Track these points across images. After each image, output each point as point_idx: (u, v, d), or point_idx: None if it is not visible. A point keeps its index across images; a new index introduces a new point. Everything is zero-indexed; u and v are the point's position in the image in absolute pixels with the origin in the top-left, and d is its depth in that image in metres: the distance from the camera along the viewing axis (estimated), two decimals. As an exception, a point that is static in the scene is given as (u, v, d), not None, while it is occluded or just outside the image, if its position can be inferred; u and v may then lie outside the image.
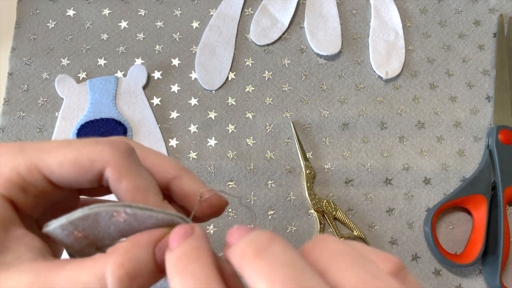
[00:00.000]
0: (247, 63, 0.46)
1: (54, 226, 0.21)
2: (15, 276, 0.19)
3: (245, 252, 0.18)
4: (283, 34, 0.47)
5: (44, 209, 0.23)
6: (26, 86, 0.44)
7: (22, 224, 0.21)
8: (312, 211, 0.42)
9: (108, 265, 0.19)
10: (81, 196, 0.26)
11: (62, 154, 0.21)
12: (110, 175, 0.22)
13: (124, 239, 0.21)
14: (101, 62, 0.45)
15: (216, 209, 0.24)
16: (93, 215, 0.21)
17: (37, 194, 0.22)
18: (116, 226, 0.21)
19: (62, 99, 0.43)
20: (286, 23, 0.47)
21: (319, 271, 0.18)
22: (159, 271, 0.20)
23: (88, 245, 0.22)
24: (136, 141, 0.42)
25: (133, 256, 0.19)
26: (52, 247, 0.23)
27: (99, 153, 0.21)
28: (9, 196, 0.21)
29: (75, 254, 0.22)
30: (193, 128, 0.44)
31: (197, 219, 0.24)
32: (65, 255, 0.23)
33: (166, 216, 0.21)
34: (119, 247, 0.20)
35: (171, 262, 0.19)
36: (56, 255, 0.23)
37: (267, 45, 0.47)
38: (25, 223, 0.22)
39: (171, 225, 0.21)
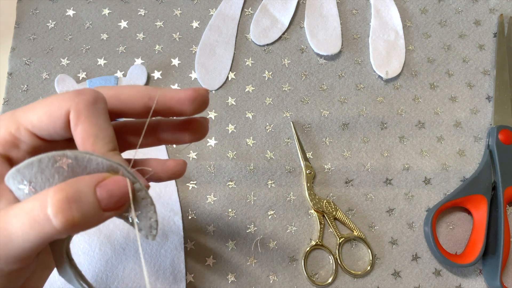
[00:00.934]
0: (247, 63, 0.46)
1: (7, 177, 0.22)
2: None
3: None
4: (283, 34, 0.47)
5: None
6: (25, 86, 0.44)
7: None
8: (312, 211, 0.42)
9: (49, 191, 0.21)
10: None
11: (40, 108, 0.24)
12: (71, 119, 0.24)
13: None
14: (101, 62, 0.45)
15: (175, 175, 0.27)
16: (37, 162, 0.21)
17: (29, 149, 0.24)
18: (60, 175, 0.22)
19: (62, 99, 0.43)
20: (286, 23, 0.47)
21: None
22: (102, 209, 0.21)
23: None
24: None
25: (75, 185, 0.21)
26: None
27: (65, 100, 0.24)
28: (5, 153, 0.24)
29: None
30: (193, 128, 0.44)
31: (159, 179, 0.26)
32: None
33: (106, 161, 0.22)
34: (65, 183, 0.21)
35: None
36: None
37: (267, 45, 0.47)
38: None
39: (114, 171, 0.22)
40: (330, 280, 0.40)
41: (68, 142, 0.25)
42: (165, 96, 0.26)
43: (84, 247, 0.38)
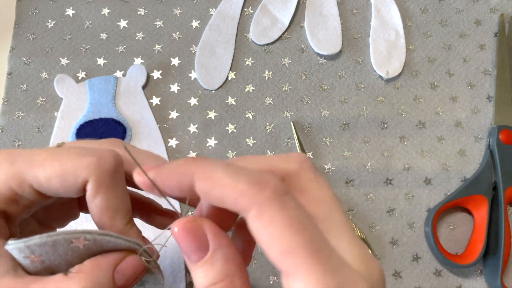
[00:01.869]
0: (247, 62, 0.46)
1: (12, 246, 0.21)
2: None
3: (190, 159, 0.20)
4: (283, 33, 0.47)
5: (36, 211, 0.24)
6: (25, 86, 0.44)
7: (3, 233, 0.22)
8: (313, 211, 0.42)
9: (70, 283, 0.20)
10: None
11: (49, 168, 0.22)
12: (89, 189, 0.22)
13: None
14: (101, 61, 0.45)
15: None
16: (51, 242, 0.21)
17: (29, 204, 0.23)
18: (75, 252, 0.21)
19: (61, 99, 0.43)
20: (286, 23, 0.47)
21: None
22: None
23: (44, 269, 0.22)
24: (133, 143, 0.42)
25: (94, 279, 0.20)
26: (56, 225, 0.24)
27: (83, 167, 0.22)
28: (1, 209, 0.22)
29: (32, 273, 0.22)
30: (193, 128, 0.44)
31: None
32: None
33: (124, 242, 0.22)
34: (80, 270, 0.21)
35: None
36: None
37: (267, 44, 0.47)
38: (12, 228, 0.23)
39: (129, 249, 0.22)
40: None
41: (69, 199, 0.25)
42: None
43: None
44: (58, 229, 0.27)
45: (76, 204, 0.27)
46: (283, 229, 0.18)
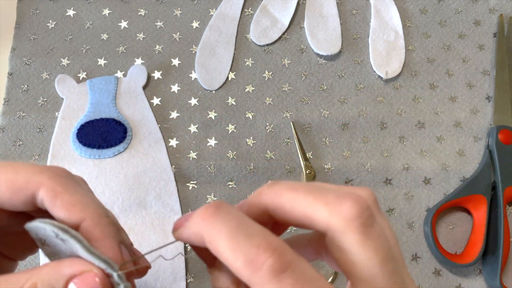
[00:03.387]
0: (247, 63, 0.46)
1: (29, 226, 0.21)
2: None
3: (203, 215, 0.21)
4: (283, 34, 0.47)
5: None
6: (26, 86, 0.44)
7: None
8: (312, 211, 0.42)
9: (27, 282, 0.20)
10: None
11: (2, 180, 0.22)
12: (45, 195, 0.22)
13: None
14: (101, 62, 0.45)
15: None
16: (42, 229, 0.21)
17: None
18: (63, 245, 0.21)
19: (62, 99, 0.43)
20: (286, 23, 0.47)
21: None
22: None
23: (52, 254, 0.22)
24: (134, 143, 0.42)
25: (48, 282, 0.20)
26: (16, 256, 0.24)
27: (35, 174, 0.22)
28: None
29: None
30: (193, 128, 0.44)
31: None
32: None
33: (92, 257, 0.21)
34: (45, 267, 0.21)
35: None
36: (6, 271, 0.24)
37: (267, 45, 0.47)
38: None
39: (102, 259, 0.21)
40: (330, 280, 0.40)
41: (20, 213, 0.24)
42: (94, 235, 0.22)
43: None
44: (18, 260, 0.27)
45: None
46: (361, 260, 0.19)
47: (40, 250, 0.24)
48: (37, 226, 0.21)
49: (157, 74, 0.45)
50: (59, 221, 0.22)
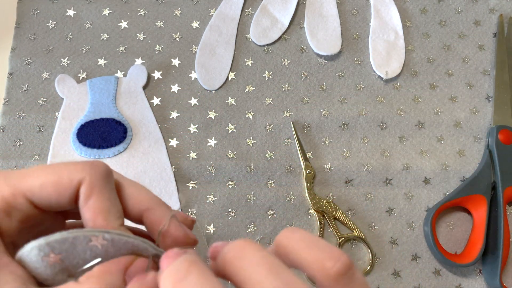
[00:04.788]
0: (247, 63, 0.46)
1: (31, 246, 0.21)
2: None
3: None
4: (283, 34, 0.47)
5: (28, 235, 0.24)
6: (26, 86, 0.44)
7: (7, 251, 0.22)
8: (312, 211, 0.42)
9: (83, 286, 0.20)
10: (67, 221, 0.26)
11: (44, 176, 0.22)
12: (82, 191, 0.22)
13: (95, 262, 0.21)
14: (101, 62, 0.45)
15: (180, 243, 0.25)
16: (71, 238, 0.21)
17: (22, 218, 0.22)
18: (93, 252, 0.21)
19: (62, 99, 0.44)
20: (286, 23, 0.47)
21: (237, 284, 0.20)
22: None
23: (62, 271, 0.22)
24: (134, 143, 0.42)
25: (105, 283, 0.20)
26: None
27: (78, 171, 0.22)
28: None
29: (45, 282, 0.22)
30: (193, 128, 0.44)
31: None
32: None
33: (142, 243, 0.22)
34: (90, 276, 0.20)
35: (168, 278, 0.20)
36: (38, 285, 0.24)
37: (267, 45, 0.47)
38: (8, 251, 0.22)
39: (139, 254, 0.22)
40: None
41: (62, 213, 0.25)
42: (156, 221, 0.24)
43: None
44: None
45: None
46: None
47: None
48: (59, 240, 0.21)
49: (157, 74, 0.45)
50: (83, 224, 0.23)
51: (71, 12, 0.47)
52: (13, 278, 0.21)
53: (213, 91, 0.45)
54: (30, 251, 0.21)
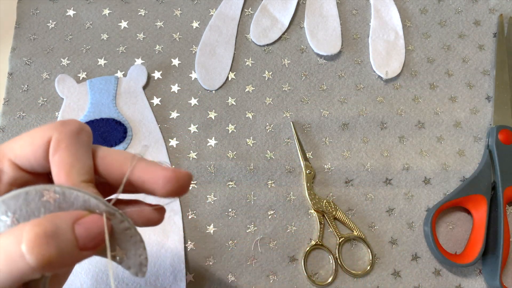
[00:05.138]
0: (247, 63, 0.46)
1: None
2: None
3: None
4: (283, 34, 0.47)
5: None
6: (26, 86, 0.44)
7: None
8: (312, 211, 0.42)
9: (25, 225, 0.19)
10: None
11: (23, 139, 0.24)
12: (50, 148, 0.23)
13: None
14: (101, 62, 0.45)
15: (151, 222, 0.25)
16: (24, 194, 0.21)
17: (11, 181, 0.24)
18: (47, 209, 0.21)
19: (62, 99, 0.44)
20: (286, 23, 0.47)
21: None
22: (80, 248, 0.20)
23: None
24: (134, 143, 0.42)
25: (53, 220, 0.20)
26: None
27: (48, 129, 0.23)
28: None
29: None
30: (193, 128, 0.44)
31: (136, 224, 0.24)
32: None
33: (93, 199, 0.22)
34: (36, 220, 0.20)
35: None
36: None
37: (267, 45, 0.47)
38: None
39: (92, 211, 0.22)
40: (330, 280, 0.40)
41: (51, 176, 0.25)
42: (143, 169, 0.24)
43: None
44: None
45: None
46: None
47: None
48: (12, 197, 0.21)
49: (157, 74, 0.45)
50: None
51: (71, 12, 0.47)
52: None
53: (213, 91, 0.45)
54: None
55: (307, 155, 0.43)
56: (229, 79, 0.46)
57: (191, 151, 0.43)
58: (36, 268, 0.19)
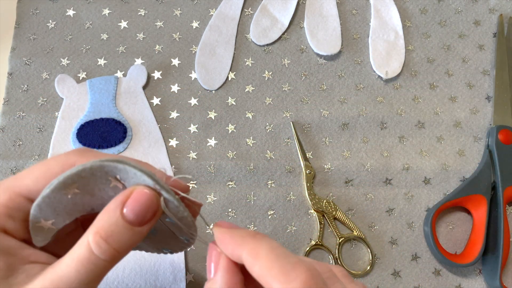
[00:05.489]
0: (247, 63, 0.46)
1: (63, 177, 0.22)
2: None
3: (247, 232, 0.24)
4: (283, 34, 0.47)
5: (47, 243, 0.26)
6: (26, 86, 0.44)
7: (27, 245, 0.24)
8: (312, 211, 0.42)
9: (88, 236, 0.22)
10: None
11: (37, 171, 0.24)
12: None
13: None
14: (101, 62, 0.45)
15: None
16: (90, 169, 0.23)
17: (24, 217, 0.24)
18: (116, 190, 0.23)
19: (62, 99, 0.43)
20: (286, 23, 0.47)
21: None
22: (134, 224, 0.23)
23: (83, 204, 0.24)
24: (133, 143, 0.42)
25: (103, 222, 0.23)
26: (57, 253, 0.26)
27: (67, 157, 0.24)
28: (0, 227, 0.23)
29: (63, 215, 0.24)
30: (193, 128, 0.44)
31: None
32: None
33: (139, 172, 0.23)
34: (99, 215, 0.23)
35: None
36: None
37: (267, 45, 0.47)
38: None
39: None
40: None
41: None
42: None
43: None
44: None
45: (82, 229, 0.28)
46: None
47: None
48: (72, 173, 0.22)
49: (157, 74, 0.45)
50: None
51: (71, 12, 0.47)
52: (35, 265, 0.23)
53: (213, 91, 0.45)
54: (59, 182, 0.23)
55: (307, 155, 0.43)
56: (229, 79, 0.46)
57: (191, 151, 0.43)
58: (112, 262, 0.23)
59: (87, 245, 0.22)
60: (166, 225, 0.26)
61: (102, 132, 0.42)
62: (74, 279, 0.22)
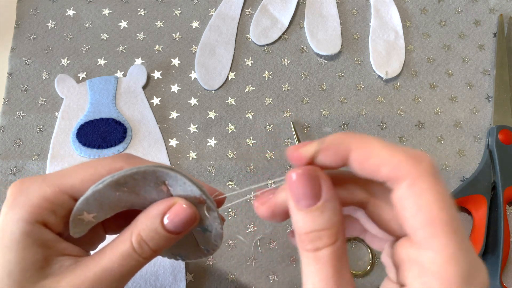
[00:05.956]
0: (247, 63, 0.46)
1: (121, 174, 0.23)
2: (61, 282, 0.24)
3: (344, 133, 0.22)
4: (283, 34, 0.47)
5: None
6: (26, 86, 0.44)
7: (62, 239, 0.26)
8: (312, 211, 0.42)
9: (132, 236, 0.25)
10: None
11: (83, 172, 0.25)
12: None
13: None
14: (101, 62, 0.45)
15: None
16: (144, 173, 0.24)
17: (66, 214, 0.25)
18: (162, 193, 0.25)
19: (62, 99, 0.43)
20: (286, 23, 0.47)
21: None
22: (172, 233, 0.25)
23: (125, 202, 0.25)
24: (133, 143, 0.42)
25: (144, 225, 0.25)
26: (87, 248, 0.28)
27: (114, 161, 0.25)
28: (42, 220, 0.24)
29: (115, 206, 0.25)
30: (193, 128, 0.44)
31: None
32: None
33: (191, 187, 0.24)
34: (139, 217, 0.25)
35: None
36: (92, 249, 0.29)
37: (267, 45, 0.47)
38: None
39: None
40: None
41: None
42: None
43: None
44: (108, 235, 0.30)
45: (101, 227, 0.29)
46: (431, 202, 0.19)
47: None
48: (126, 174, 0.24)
49: (157, 74, 0.45)
50: None
51: (70, 12, 0.47)
52: (69, 258, 0.25)
53: (213, 91, 0.45)
54: (118, 177, 0.24)
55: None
56: (229, 79, 0.46)
57: (191, 151, 0.43)
58: (149, 259, 0.25)
59: (130, 243, 0.25)
60: (192, 232, 0.27)
61: (102, 132, 0.42)
62: (116, 271, 0.24)
